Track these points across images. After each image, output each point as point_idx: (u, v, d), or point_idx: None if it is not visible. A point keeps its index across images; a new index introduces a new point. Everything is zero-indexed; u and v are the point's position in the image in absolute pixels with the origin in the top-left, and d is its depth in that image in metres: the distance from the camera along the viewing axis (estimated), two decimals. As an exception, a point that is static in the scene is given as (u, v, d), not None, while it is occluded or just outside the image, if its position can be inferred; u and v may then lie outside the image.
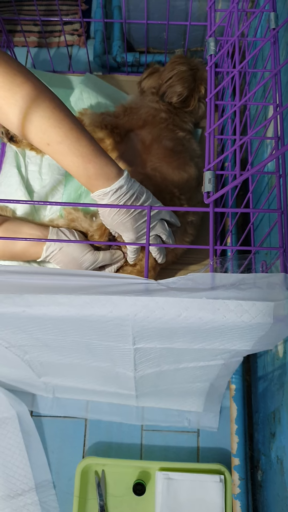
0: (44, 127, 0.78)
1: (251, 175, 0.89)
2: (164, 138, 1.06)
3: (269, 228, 0.80)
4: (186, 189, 1.04)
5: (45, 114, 0.78)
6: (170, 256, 1.03)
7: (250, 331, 0.61)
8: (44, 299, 0.58)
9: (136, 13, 1.32)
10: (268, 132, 0.98)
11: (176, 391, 1.02)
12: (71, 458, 1.14)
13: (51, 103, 0.79)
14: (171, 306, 0.57)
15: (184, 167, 1.05)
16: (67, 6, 1.53)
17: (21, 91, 0.77)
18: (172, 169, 1.03)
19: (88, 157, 0.79)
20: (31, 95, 0.78)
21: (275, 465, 0.92)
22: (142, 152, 1.06)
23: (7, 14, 1.50)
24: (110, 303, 0.57)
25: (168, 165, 1.03)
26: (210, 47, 0.76)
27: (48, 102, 0.79)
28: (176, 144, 1.07)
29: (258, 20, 1.06)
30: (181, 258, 1.08)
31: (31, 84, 0.78)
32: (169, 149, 1.05)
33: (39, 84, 0.80)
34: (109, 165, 0.81)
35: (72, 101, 1.25)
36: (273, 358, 0.98)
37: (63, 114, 0.79)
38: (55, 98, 0.81)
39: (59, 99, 0.82)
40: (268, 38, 0.70)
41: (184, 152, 1.07)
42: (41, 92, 0.79)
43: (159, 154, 1.04)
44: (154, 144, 1.06)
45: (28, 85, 0.78)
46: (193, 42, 1.39)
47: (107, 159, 0.82)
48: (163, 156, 1.04)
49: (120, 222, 0.85)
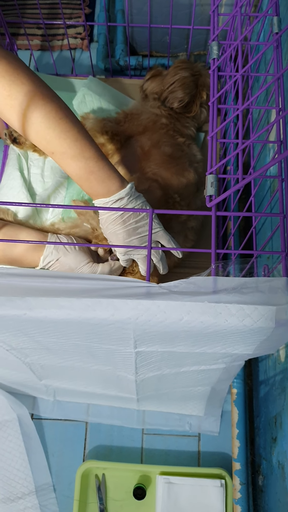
0: (48, 137, 0.79)
1: (253, 179, 0.89)
2: (163, 144, 1.07)
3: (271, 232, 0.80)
4: (185, 195, 1.04)
5: (50, 124, 0.78)
6: (170, 262, 1.03)
7: (251, 335, 0.61)
8: (46, 302, 0.58)
9: (139, 16, 1.33)
10: (271, 136, 0.98)
11: (177, 395, 1.02)
12: (71, 461, 1.13)
13: (57, 113, 0.79)
14: (172, 310, 0.57)
15: (183, 173, 1.05)
16: (70, 10, 1.54)
17: (25, 99, 0.77)
18: (171, 174, 1.03)
19: (91, 168, 0.81)
20: (36, 103, 0.78)
21: (276, 470, 0.92)
22: (141, 158, 1.07)
23: (11, 17, 1.50)
24: (112, 307, 0.57)
25: (167, 171, 1.03)
26: (213, 51, 0.76)
27: (55, 112, 0.79)
28: (175, 150, 1.07)
29: (261, 24, 1.06)
30: (183, 262, 1.08)
31: (36, 90, 0.78)
32: (168, 155, 1.05)
33: (45, 91, 0.80)
34: (112, 178, 0.82)
35: (75, 104, 1.25)
36: (275, 362, 0.98)
37: (69, 125, 0.79)
38: (61, 106, 0.80)
39: (64, 105, 0.81)
40: (271, 42, 0.70)
41: (183, 157, 1.07)
42: (47, 101, 0.79)
43: (158, 160, 1.04)
44: (153, 150, 1.06)
45: (33, 91, 0.78)
46: (196, 45, 1.40)
47: (110, 171, 0.82)
48: (162, 162, 1.04)
49: (114, 232, 0.85)
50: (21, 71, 0.78)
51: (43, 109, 0.78)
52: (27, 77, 0.78)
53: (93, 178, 0.81)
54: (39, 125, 0.79)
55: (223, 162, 0.67)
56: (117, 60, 1.37)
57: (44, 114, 0.78)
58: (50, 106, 0.79)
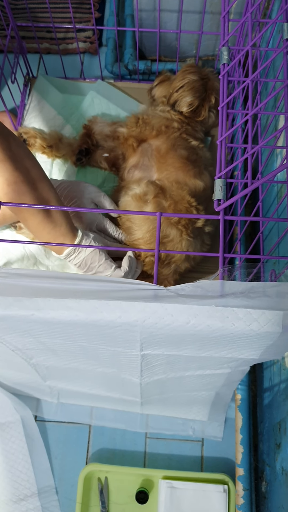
0: (15, 211, 0.88)
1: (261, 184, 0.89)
2: (178, 147, 1.07)
3: (278, 238, 0.80)
4: (203, 199, 1.04)
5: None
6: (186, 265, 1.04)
7: (258, 339, 0.61)
8: (54, 303, 0.58)
9: (149, 21, 1.33)
10: (279, 141, 0.98)
11: (181, 399, 1.02)
12: (74, 464, 1.13)
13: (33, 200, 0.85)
14: (180, 313, 0.57)
15: (201, 176, 1.05)
16: (80, 14, 1.55)
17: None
18: (189, 178, 1.03)
19: (46, 237, 0.89)
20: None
21: (280, 476, 0.91)
22: (157, 161, 1.07)
23: (21, 21, 1.51)
24: (119, 309, 0.57)
25: (185, 174, 1.04)
26: (223, 56, 0.77)
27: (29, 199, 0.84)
28: (191, 153, 1.07)
29: (270, 30, 1.06)
30: (197, 267, 1.08)
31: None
32: (185, 158, 1.05)
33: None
34: (63, 239, 0.90)
35: (83, 108, 1.26)
36: (280, 368, 0.98)
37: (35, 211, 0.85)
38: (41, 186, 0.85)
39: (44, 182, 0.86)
40: (281, 49, 0.70)
41: (198, 161, 1.08)
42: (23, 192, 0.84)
43: (175, 163, 1.05)
44: (170, 153, 1.06)
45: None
46: (204, 51, 1.40)
47: (60, 239, 0.90)
48: (180, 165, 1.05)
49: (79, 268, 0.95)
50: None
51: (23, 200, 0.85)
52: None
53: (49, 238, 0.90)
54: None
55: (232, 167, 0.67)
56: (126, 64, 1.37)
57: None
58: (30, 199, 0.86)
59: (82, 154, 1.16)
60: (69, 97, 1.31)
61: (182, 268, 1.03)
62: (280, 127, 0.99)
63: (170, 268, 1.01)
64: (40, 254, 1.08)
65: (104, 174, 1.20)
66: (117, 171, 1.18)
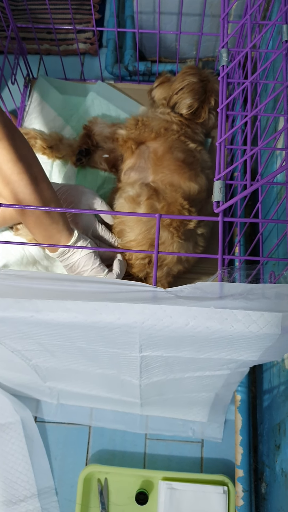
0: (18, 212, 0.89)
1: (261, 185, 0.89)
2: (175, 149, 1.07)
3: (277, 239, 0.80)
4: (197, 201, 1.04)
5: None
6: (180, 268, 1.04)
7: (257, 341, 0.61)
8: (53, 305, 0.58)
9: (149, 23, 1.33)
10: (278, 143, 0.98)
11: (181, 400, 1.02)
12: (74, 465, 1.13)
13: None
14: (179, 315, 0.57)
15: (196, 179, 1.05)
16: (80, 15, 1.55)
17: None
18: (183, 180, 1.03)
19: (43, 233, 0.90)
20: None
21: (279, 477, 0.91)
22: (154, 164, 1.07)
23: (21, 22, 1.52)
24: (118, 310, 0.57)
25: (180, 177, 1.04)
26: (223, 58, 0.77)
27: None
28: (187, 155, 1.07)
29: (270, 32, 1.06)
30: (193, 268, 1.08)
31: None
32: (181, 160, 1.05)
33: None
34: (58, 240, 0.91)
35: (83, 109, 1.26)
36: (279, 370, 0.98)
37: (35, 216, 0.87)
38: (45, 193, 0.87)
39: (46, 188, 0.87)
40: (280, 51, 0.70)
41: (195, 163, 1.08)
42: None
43: (171, 166, 1.05)
44: (166, 155, 1.06)
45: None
46: (204, 52, 1.40)
47: (57, 236, 0.91)
48: (175, 167, 1.05)
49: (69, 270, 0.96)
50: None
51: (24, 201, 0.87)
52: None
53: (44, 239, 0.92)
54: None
55: (231, 168, 0.67)
56: (126, 65, 1.38)
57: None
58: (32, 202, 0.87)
59: (82, 155, 1.16)
60: (69, 98, 1.31)
61: (174, 270, 1.03)
62: (280, 128, 0.99)
63: (162, 270, 1.01)
64: (39, 255, 1.08)
65: (104, 176, 1.20)
66: (116, 172, 1.18)
